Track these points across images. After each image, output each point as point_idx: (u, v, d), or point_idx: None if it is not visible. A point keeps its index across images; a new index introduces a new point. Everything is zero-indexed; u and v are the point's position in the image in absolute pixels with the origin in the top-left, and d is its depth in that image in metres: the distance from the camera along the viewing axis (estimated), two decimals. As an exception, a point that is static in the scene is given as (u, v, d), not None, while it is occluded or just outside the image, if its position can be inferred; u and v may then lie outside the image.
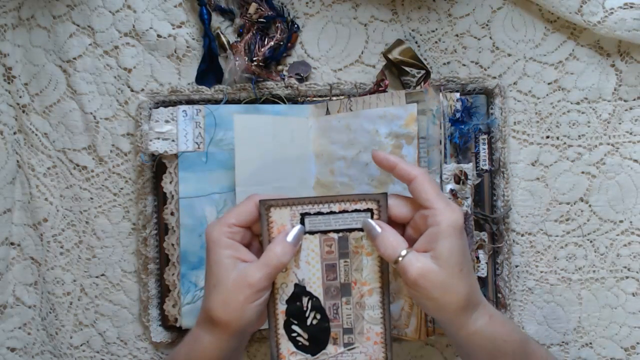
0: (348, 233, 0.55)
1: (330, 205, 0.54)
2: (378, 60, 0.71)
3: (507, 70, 0.71)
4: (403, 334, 0.65)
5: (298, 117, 0.68)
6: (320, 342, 0.56)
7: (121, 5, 0.70)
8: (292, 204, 0.54)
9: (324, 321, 0.56)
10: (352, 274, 0.55)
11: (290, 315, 0.56)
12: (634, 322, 0.72)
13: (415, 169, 0.54)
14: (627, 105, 0.70)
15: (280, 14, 0.70)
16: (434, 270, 0.51)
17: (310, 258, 0.55)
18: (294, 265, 0.55)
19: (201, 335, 0.54)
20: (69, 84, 0.71)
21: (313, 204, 0.54)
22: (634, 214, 0.71)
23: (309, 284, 0.55)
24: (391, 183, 0.64)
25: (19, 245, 0.72)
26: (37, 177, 0.72)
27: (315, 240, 0.55)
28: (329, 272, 0.55)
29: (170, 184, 0.69)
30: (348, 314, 0.56)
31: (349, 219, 0.54)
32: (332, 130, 0.67)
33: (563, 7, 0.67)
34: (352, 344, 0.56)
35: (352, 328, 0.56)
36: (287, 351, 0.56)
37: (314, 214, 0.54)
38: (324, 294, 0.55)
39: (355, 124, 0.65)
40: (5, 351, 0.72)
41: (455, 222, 0.51)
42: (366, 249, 0.55)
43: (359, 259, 0.55)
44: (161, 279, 0.70)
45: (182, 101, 0.70)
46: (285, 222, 0.54)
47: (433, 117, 0.63)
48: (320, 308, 0.56)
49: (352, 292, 0.55)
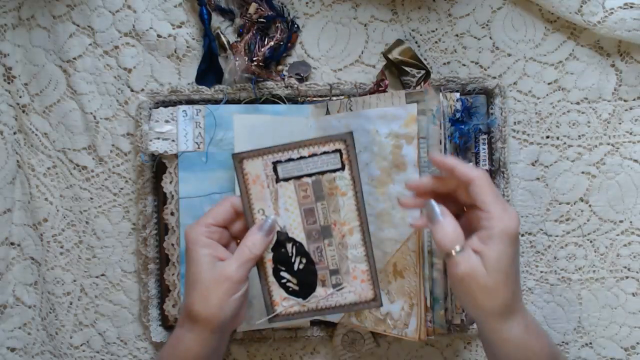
0: (321, 176, 0.55)
1: (299, 150, 0.55)
2: (378, 60, 0.71)
3: (507, 70, 0.71)
4: (403, 334, 0.65)
5: (298, 117, 0.68)
6: (309, 285, 0.57)
7: (121, 5, 0.70)
8: (263, 153, 0.55)
9: (310, 264, 0.57)
10: (331, 215, 0.56)
11: (278, 262, 0.57)
12: (634, 322, 0.72)
13: (474, 171, 0.54)
14: (627, 105, 0.70)
15: (280, 14, 0.70)
16: (481, 273, 0.51)
17: (288, 205, 0.56)
18: (274, 213, 0.56)
19: (183, 334, 0.55)
20: (69, 84, 0.71)
21: (283, 152, 0.55)
22: (634, 214, 0.71)
23: (290, 230, 0.56)
24: (391, 183, 0.64)
25: (19, 245, 0.72)
26: (37, 177, 0.72)
27: (290, 186, 0.56)
28: (308, 217, 0.56)
29: (170, 184, 0.69)
30: (332, 255, 0.57)
31: (319, 162, 0.55)
32: (332, 130, 0.67)
33: (563, 7, 0.67)
34: (340, 284, 0.57)
35: (338, 269, 0.57)
36: (280, 297, 0.58)
37: (285, 161, 0.55)
38: (307, 238, 0.57)
39: (355, 124, 0.65)
40: (5, 351, 0.72)
41: (510, 229, 0.52)
42: (340, 190, 0.56)
43: (335, 200, 0.56)
44: (161, 279, 0.70)
45: (182, 101, 0.70)
46: (259, 173, 0.55)
47: (433, 117, 0.63)
48: (305, 252, 0.57)
49: (333, 234, 0.57)
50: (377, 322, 0.66)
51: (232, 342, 0.71)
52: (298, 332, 0.71)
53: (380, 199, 0.65)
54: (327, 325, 0.71)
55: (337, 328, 0.71)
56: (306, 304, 0.58)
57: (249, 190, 0.56)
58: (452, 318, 0.66)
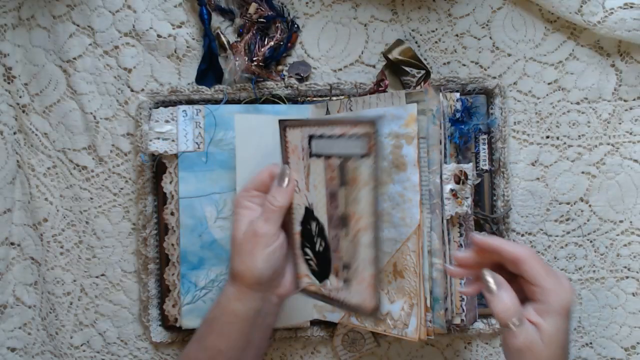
0: (347, 159, 0.55)
1: (333, 128, 0.55)
2: (378, 60, 0.71)
3: (507, 70, 0.71)
4: (403, 334, 0.65)
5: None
6: (325, 269, 0.58)
7: (121, 5, 0.70)
8: (303, 125, 0.56)
9: (327, 250, 0.58)
10: (351, 204, 0.55)
11: (304, 237, 0.59)
12: (634, 322, 0.72)
13: (521, 250, 0.54)
14: (627, 105, 0.70)
15: (280, 14, 0.70)
16: (540, 347, 0.52)
17: (317, 182, 0.57)
18: (305, 188, 0.58)
19: (226, 288, 0.60)
20: (69, 84, 0.71)
21: (319, 126, 0.55)
22: (634, 214, 0.71)
23: (316, 209, 0.57)
24: (391, 183, 0.64)
25: (19, 245, 0.72)
26: (37, 177, 0.72)
27: (320, 164, 0.56)
28: (332, 200, 0.57)
29: (170, 184, 0.69)
30: (347, 247, 0.57)
31: (348, 144, 0.54)
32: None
33: (563, 7, 0.67)
34: (350, 280, 0.57)
35: (349, 264, 0.57)
36: (303, 272, 0.60)
37: (318, 137, 0.55)
38: (328, 222, 0.57)
39: (355, 124, 0.65)
40: (5, 351, 0.72)
41: (566, 302, 0.52)
42: (362, 179, 0.54)
43: (356, 190, 0.55)
44: (161, 279, 0.70)
45: (182, 101, 0.70)
46: (297, 143, 0.57)
47: (433, 117, 0.63)
48: (324, 236, 0.58)
49: (350, 225, 0.56)
50: (377, 322, 0.66)
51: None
52: (298, 332, 0.71)
53: (380, 199, 0.65)
54: (327, 325, 0.71)
55: (337, 328, 0.71)
56: (321, 289, 0.59)
57: (289, 159, 0.58)
58: (452, 318, 0.66)
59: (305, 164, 0.57)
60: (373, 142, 0.53)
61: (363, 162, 0.54)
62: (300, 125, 0.56)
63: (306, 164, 0.57)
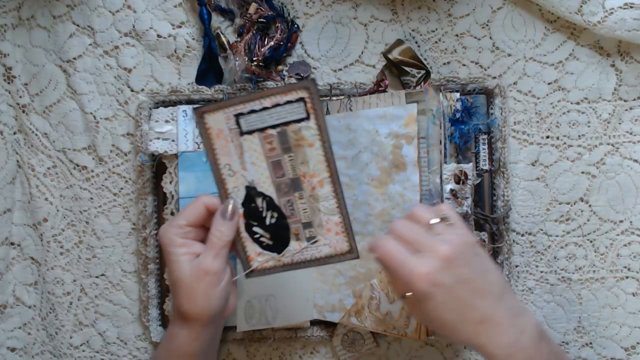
0: (286, 127, 0.54)
1: (261, 101, 0.53)
2: (378, 60, 0.71)
3: (507, 70, 0.71)
4: (403, 333, 0.65)
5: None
6: (282, 239, 0.57)
7: (121, 5, 0.70)
8: (224, 106, 0.53)
9: (282, 219, 0.56)
10: (299, 167, 0.55)
11: (249, 217, 0.56)
12: (634, 322, 0.72)
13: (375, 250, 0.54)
14: (627, 105, 0.70)
15: (280, 14, 0.70)
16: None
17: (254, 158, 0.55)
18: (241, 168, 0.55)
19: (176, 332, 0.56)
20: (69, 84, 0.71)
21: (245, 103, 0.53)
22: (634, 214, 0.71)
23: (259, 184, 0.55)
24: (391, 183, 0.64)
25: (19, 245, 0.72)
26: (37, 177, 0.72)
27: (255, 139, 0.54)
28: (276, 169, 0.55)
29: (170, 184, 0.69)
30: (304, 208, 0.56)
31: (283, 112, 0.53)
32: (332, 130, 0.67)
33: (563, 7, 0.67)
34: (314, 237, 0.56)
35: (311, 222, 0.56)
36: (254, 253, 0.57)
37: (247, 113, 0.53)
38: (276, 192, 0.55)
39: (355, 124, 0.65)
40: (5, 351, 0.72)
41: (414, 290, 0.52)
42: (307, 140, 0.54)
43: (302, 152, 0.54)
44: (161, 278, 0.70)
45: (182, 101, 0.70)
46: (221, 127, 0.54)
47: (433, 117, 0.63)
48: (275, 206, 0.56)
49: (303, 186, 0.55)
50: (377, 322, 0.66)
51: (231, 342, 0.71)
52: (298, 332, 0.71)
53: (380, 199, 0.65)
54: (327, 325, 0.71)
55: (337, 328, 0.71)
56: (281, 259, 0.57)
57: (213, 145, 0.55)
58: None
59: (237, 144, 0.54)
60: (311, 104, 0.52)
61: (304, 125, 0.53)
62: (220, 108, 0.53)
63: (237, 144, 0.54)
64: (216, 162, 0.55)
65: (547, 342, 0.53)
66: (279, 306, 0.69)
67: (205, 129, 0.54)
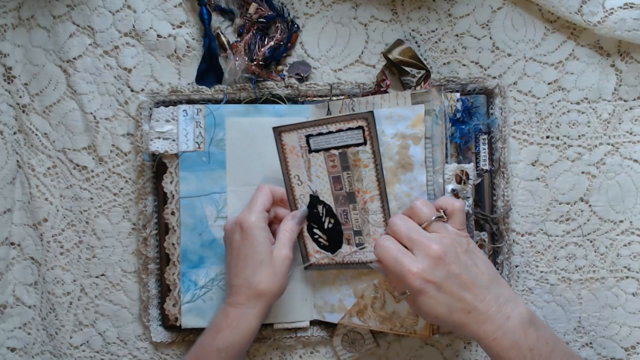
0: (346, 149, 0.63)
1: (328, 126, 0.62)
2: (378, 60, 0.71)
3: (507, 70, 0.71)
4: (412, 331, 0.65)
5: (295, 118, 0.68)
6: (336, 242, 0.66)
7: (121, 5, 0.70)
8: (298, 128, 0.63)
9: (338, 225, 0.66)
10: (355, 184, 0.64)
11: (311, 220, 0.66)
12: (634, 322, 0.72)
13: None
14: (627, 105, 0.70)
15: (280, 14, 0.70)
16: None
17: (319, 172, 0.64)
18: (307, 180, 0.65)
19: (246, 312, 0.62)
20: (69, 84, 0.71)
21: (315, 127, 0.62)
22: (634, 214, 0.71)
23: (321, 194, 0.65)
24: (397, 183, 0.64)
25: (19, 245, 0.72)
26: (37, 177, 0.72)
27: (320, 157, 0.64)
28: (335, 184, 0.64)
29: (170, 184, 0.69)
30: (356, 218, 0.65)
31: (345, 136, 0.62)
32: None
33: (563, 7, 0.67)
34: (362, 243, 0.65)
35: (360, 230, 0.65)
36: (313, 250, 0.67)
37: (316, 135, 0.63)
38: (335, 202, 0.65)
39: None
40: (5, 351, 0.72)
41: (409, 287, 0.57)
42: (363, 162, 0.63)
43: (358, 171, 0.63)
44: (161, 278, 0.70)
45: (182, 101, 0.70)
46: (294, 144, 0.64)
47: (436, 118, 0.63)
48: (333, 214, 0.65)
49: (357, 200, 0.64)
50: (382, 321, 0.67)
51: (232, 342, 0.71)
52: (298, 332, 0.71)
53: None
54: (327, 326, 0.71)
55: (337, 328, 0.71)
56: (334, 258, 0.66)
57: (287, 159, 0.64)
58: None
59: (305, 160, 0.64)
60: (368, 132, 0.61)
61: (361, 149, 0.62)
62: (295, 128, 0.63)
63: (306, 160, 0.64)
64: (288, 173, 0.65)
65: (537, 329, 0.56)
66: (279, 306, 0.69)
67: (282, 145, 0.64)
